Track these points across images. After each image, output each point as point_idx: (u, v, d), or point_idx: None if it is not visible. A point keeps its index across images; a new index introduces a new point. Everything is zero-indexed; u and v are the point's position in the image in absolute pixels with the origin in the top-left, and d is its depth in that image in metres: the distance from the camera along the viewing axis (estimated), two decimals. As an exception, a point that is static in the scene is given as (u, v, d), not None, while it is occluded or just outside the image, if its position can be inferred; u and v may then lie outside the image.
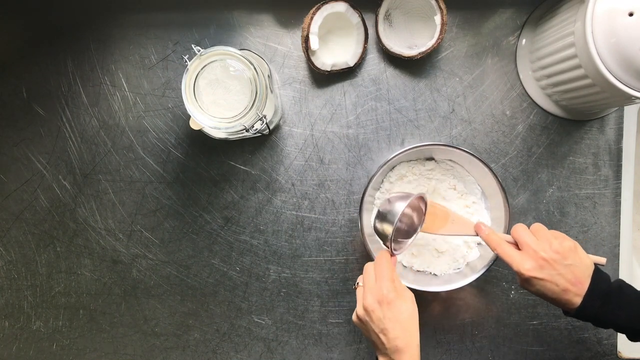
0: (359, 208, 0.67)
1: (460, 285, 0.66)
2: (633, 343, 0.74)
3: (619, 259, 0.74)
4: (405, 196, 0.61)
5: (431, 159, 0.71)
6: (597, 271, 0.56)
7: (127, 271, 0.75)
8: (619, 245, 0.74)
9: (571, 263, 0.54)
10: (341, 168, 0.74)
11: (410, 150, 0.66)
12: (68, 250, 0.75)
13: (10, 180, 0.75)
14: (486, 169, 0.66)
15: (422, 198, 0.63)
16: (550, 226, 0.73)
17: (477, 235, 0.63)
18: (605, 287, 0.54)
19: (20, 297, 0.76)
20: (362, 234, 0.67)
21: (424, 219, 0.65)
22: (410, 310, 0.56)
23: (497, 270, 0.74)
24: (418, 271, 0.71)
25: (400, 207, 0.59)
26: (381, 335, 0.55)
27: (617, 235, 0.74)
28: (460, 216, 0.65)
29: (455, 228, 0.65)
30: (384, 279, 0.57)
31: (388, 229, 0.60)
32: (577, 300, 0.54)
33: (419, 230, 0.65)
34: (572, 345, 0.74)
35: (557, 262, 0.54)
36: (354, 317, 0.59)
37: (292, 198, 0.74)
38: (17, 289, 0.76)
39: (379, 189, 0.72)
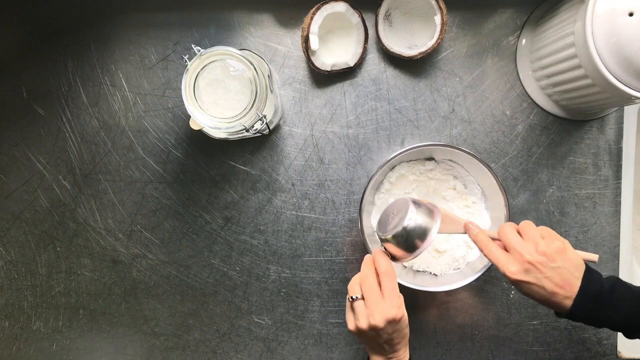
0: (359, 208, 0.67)
1: (460, 285, 0.66)
2: (633, 343, 0.74)
3: (619, 259, 0.74)
4: (405, 205, 0.58)
5: (431, 159, 0.71)
6: (588, 271, 0.53)
7: (127, 271, 0.75)
8: (619, 245, 0.74)
9: (559, 265, 0.51)
10: (341, 168, 0.74)
11: (410, 150, 0.66)
12: (68, 250, 0.75)
13: (10, 180, 0.75)
14: (486, 169, 0.66)
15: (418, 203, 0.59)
16: (550, 226, 0.73)
17: (467, 234, 0.60)
18: (596, 289, 0.52)
19: (20, 297, 0.76)
20: (362, 234, 0.66)
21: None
22: (406, 318, 0.56)
23: (497, 270, 0.74)
24: (418, 271, 0.71)
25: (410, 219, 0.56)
26: (385, 345, 0.55)
27: (617, 235, 0.74)
28: (450, 214, 0.61)
29: (444, 227, 0.61)
30: (393, 296, 0.54)
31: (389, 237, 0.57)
32: (567, 302, 0.52)
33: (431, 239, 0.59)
34: (572, 345, 0.74)
35: (544, 264, 0.51)
36: (352, 327, 0.56)
37: (292, 198, 0.74)
38: (17, 289, 0.76)
39: (379, 189, 0.72)
